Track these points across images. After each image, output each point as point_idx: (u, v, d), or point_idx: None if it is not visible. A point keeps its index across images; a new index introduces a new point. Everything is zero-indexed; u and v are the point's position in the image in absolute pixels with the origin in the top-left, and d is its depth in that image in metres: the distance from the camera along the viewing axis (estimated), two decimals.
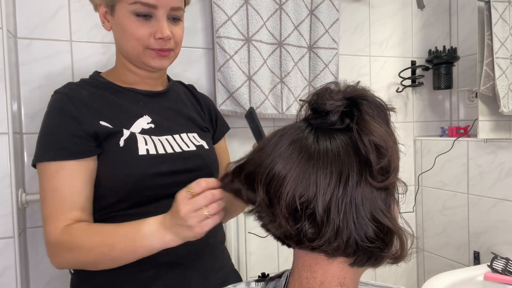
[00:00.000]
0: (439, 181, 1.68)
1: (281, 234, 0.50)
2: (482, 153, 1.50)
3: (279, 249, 1.52)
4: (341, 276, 0.50)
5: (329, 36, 1.48)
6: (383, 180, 0.46)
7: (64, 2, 1.18)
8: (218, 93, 1.34)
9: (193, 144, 0.90)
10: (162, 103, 0.92)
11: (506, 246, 1.41)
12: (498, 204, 1.44)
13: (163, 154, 0.84)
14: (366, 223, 0.46)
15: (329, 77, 1.48)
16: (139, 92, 0.89)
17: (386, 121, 0.51)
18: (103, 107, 0.83)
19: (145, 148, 0.82)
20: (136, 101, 0.88)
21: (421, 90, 1.79)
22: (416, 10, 1.76)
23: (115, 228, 0.74)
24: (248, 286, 0.67)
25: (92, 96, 0.84)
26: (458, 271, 1.32)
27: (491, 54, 1.44)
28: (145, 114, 0.86)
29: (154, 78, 0.92)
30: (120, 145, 0.80)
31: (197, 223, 0.65)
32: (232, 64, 1.31)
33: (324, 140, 0.48)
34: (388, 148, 0.47)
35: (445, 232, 1.66)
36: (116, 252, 0.72)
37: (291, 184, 0.47)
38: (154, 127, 0.86)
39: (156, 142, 0.85)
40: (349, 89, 0.51)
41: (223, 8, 1.29)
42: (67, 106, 0.80)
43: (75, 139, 0.78)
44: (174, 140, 0.88)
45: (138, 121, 0.85)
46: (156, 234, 0.69)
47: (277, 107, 1.40)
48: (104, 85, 0.88)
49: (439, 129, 1.81)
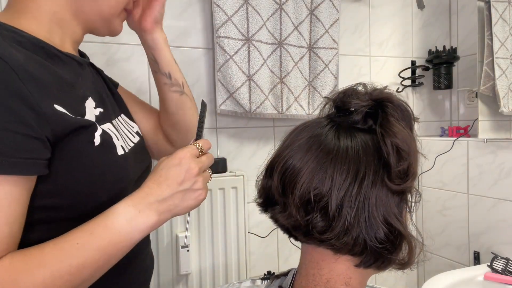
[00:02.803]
0: (439, 181, 1.68)
1: (289, 225, 0.50)
2: (482, 153, 1.50)
3: (279, 249, 1.52)
4: (347, 276, 0.50)
5: (329, 36, 1.48)
6: (401, 183, 0.47)
7: None
8: (218, 93, 1.34)
9: (133, 131, 0.74)
10: (90, 77, 0.67)
11: (506, 246, 1.41)
12: (498, 204, 1.44)
13: (131, 148, 0.67)
14: (377, 224, 0.46)
15: (329, 77, 1.48)
16: (76, 60, 0.63)
17: (410, 126, 0.52)
18: (50, 82, 0.53)
19: (120, 144, 0.63)
20: (76, 73, 0.62)
21: (421, 90, 1.80)
22: (416, 10, 1.76)
23: (70, 242, 0.50)
24: (254, 283, 0.67)
25: (29, 61, 0.52)
26: (458, 271, 1.32)
27: (491, 54, 1.44)
28: (89, 96, 0.62)
29: (79, 42, 0.68)
30: (94, 143, 0.57)
31: (206, 186, 0.58)
32: (232, 64, 1.31)
33: (345, 137, 0.49)
34: (410, 152, 0.47)
35: (445, 232, 1.66)
36: (85, 274, 0.51)
37: (307, 175, 0.47)
38: (103, 111, 0.64)
39: (119, 132, 0.66)
40: (376, 92, 0.52)
41: (223, 8, 1.29)
42: (5, 76, 0.48)
43: (22, 139, 0.48)
44: (120, 128, 0.68)
45: (87, 104, 0.60)
46: (135, 220, 0.54)
47: (277, 107, 1.40)
48: (33, 44, 0.55)
49: (439, 129, 1.81)
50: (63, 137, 0.53)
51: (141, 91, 1.29)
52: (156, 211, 0.55)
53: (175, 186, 0.56)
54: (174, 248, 1.29)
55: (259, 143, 1.48)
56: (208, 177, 0.60)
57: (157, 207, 0.55)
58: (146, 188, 0.56)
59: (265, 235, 1.46)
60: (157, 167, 0.59)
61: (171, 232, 1.28)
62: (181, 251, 1.27)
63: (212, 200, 1.33)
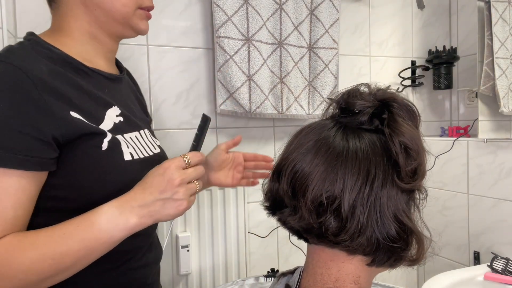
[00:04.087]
0: (439, 181, 1.68)
1: (301, 228, 0.50)
2: (482, 153, 1.50)
3: (279, 249, 1.52)
4: (356, 275, 0.50)
5: (329, 36, 1.48)
6: (410, 182, 0.47)
7: None
8: (218, 93, 1.34)
9: (155, 144, 0.80)
10: (122, 91, 0.76)
11: (506, 246, 1.41)
12: (498, 204, 1.44)
13: (144, 158, 0.72)
14: (389, 222, 0.47)
15: (329, 77, 1.48)
16: (103, 74, 0.71)
17: (416, 125, 0.52)
18: (69, 92, 0.62)
19: (129, 152, 0.68)
20: (101, 86, 0.70)
21: (421, 90, 1.80)
22: (416, 10, 1.76)
23: (58, 231, 0.57)
24: (257, 280, 0.67)
25: (52, 74, 0.61)
26: (458, 271, 1.32)
27: (491, 54, 1.43)
28: (114, 105, 0.70)
29: (114, 51, 0.76)
30: (102, 148, 0.64)
31: (187, 197, 0.61)
32: (232, 64, 1.31)
33: (353, 138, 0.49)
34: (419, 151, 0.48)
35: (445, 232, 1.66)
36: (66, 261, 0.57)
37: (318, 178, 0.48)
38: (123, 121, 0.71)
39: (134, 142, 0.72)
40: (380, 92, 0.52)
41: (223, 8, 1.29)
42: (24, 86, 0.56)
43: (32, 141, 0.56)
44: (142, 138, 0.75)
45: (108, 112, 0.68)
46: (115, 220, 0.58)
47: (277, 107, 1.40)
48: (63, 60, 0.65)
49: (439, 129, 1.81)
50: (75, 140, 0.61)
51: (141, 91, 1.29)
52: (137, 214, 0.60)
53: (157, 194, 0.60)
54: (174, 248, 1.29)
55: (259, 143, 1.48)
56: (194, 188, 0.62)
57: (138, 212, 0.60)
58: (132, 193, 0.61)
59: (265, 235, 1.46)
60: (147, 174, 0.63)
61: (171, 232, 1.28)
62: (181, 251, 1.27)
63: (212, 200, 1.33)
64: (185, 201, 0.61)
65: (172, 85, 1.33)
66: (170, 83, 1.33)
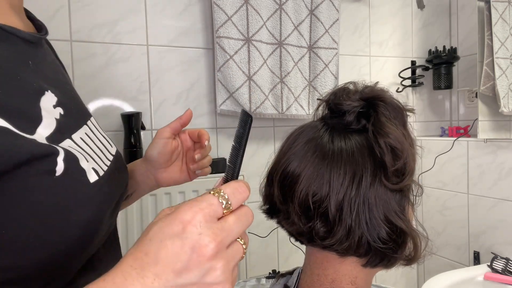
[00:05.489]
0: (439, 181, 1.68)
1: (293, 231, 0.50)
2: (482, 153, 1.50)
3: (279, 249, 1.52)
4: (353, 276, 0.50)
5: (329, 36, 1.48)
6: (398, 182, 0.47)
7: (64, 2, 1.18)
8: (218, 93, 1.34)
9: (108, 140, 0.53)
10: (46, 59, 0.47)
11: (506, 246, 1.41)
12: (498, 204, 1.44)
13: (109, 170, 0.46)
14: (379, 224, 0.46)
15: (329, 77, 1.48)
16: (21, 36, 0.42)
17: (403, 123, 0.52)
18: None
19: (91, 167, 0.42)
20: (23, 58, 0.41)
21: (421, 90, 1.80)
22: (416, 10, 1.76)
23: None
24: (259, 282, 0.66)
25: None
26: (458, 271, 1.32)
27: (491, 54, 1.44)
28: (47, 89, 0.41)
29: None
30: (55, 172, 0.36)
31: (230, 275, 0.31)
32: (232, 64, 1.31)
33: (339, 140, 0.49)
34: (404, 150, 0.47)
35: (445, 232, 1.66)
36: None
37: (305, 182, 0.47)
38: (64, 114, 0.42)
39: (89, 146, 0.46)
40: (367, 90, 0.51)
41: (223, 8, 1.29)
42: None
43: None
44: (94, 136, 0.49)
45: (41, 104, 0.39)
46: None
47: (277, 107, 1.40)
48: None
49: (439, 129, 1.81)
50: (2, 174, 0.33)
51: (141, 91, 1.29)
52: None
53: (171, 277, 0.29)
54: None
55: (259, 143, 1.48)
56: (240, 253, 0.33)
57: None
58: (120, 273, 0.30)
59: (265, 235, 1.46)
60: (147, 231, 0.32)
61: None
62: None
63: None
64: (227, 284, 0.31)
65: (172, 85, 1.33)
66: (170, 83, 1.33)
